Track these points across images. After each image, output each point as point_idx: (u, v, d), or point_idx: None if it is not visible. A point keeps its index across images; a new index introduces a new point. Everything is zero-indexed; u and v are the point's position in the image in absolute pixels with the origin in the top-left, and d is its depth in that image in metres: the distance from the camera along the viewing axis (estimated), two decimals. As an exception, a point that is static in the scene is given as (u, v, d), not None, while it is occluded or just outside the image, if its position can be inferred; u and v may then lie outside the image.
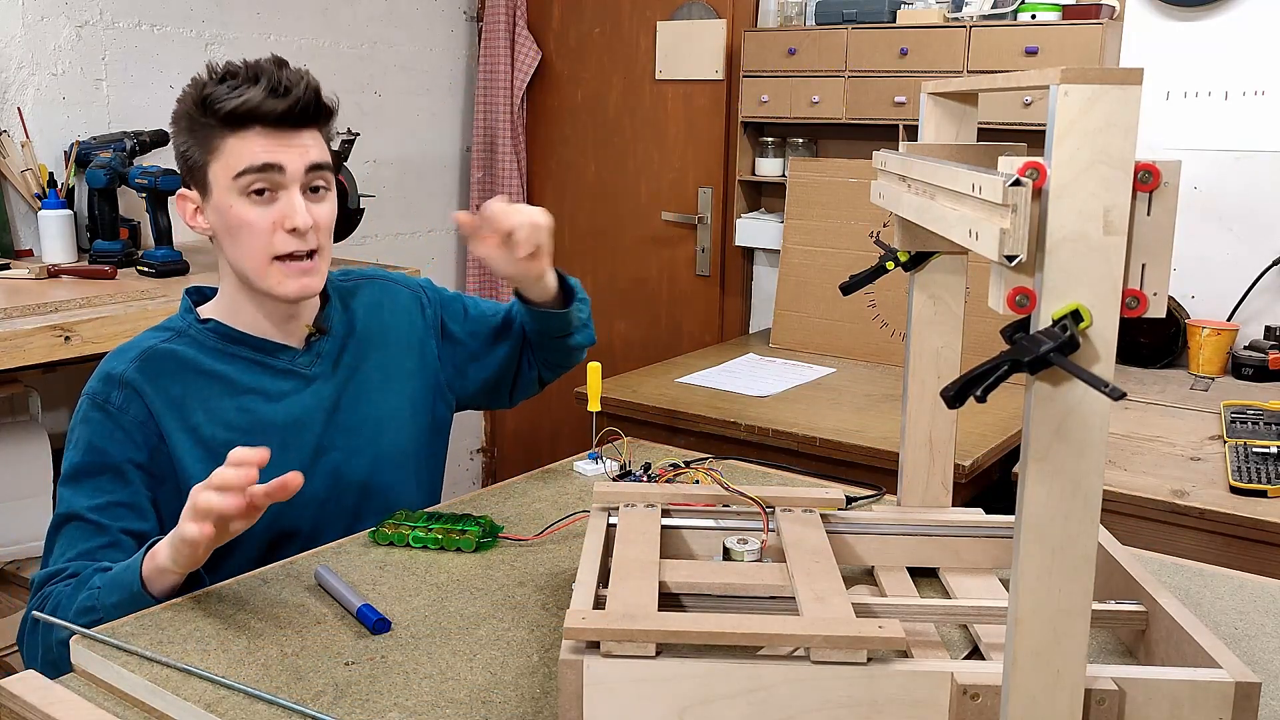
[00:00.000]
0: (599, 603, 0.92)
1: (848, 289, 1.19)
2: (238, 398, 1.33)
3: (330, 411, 1.39)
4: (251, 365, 1.35)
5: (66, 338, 2.00)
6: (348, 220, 2.80)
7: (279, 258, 1.30)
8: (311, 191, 1.32)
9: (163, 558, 1.12)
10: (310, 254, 1.31)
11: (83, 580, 1.19)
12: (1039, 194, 0.69)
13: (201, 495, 1.06)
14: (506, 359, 1.55)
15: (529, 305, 1.49)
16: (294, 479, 1.06)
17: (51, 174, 2.55)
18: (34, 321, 1.98)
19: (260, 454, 1.06)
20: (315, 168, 1.31)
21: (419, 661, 1.00)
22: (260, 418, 1.34)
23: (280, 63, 1.29)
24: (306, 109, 1.29)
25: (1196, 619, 0.94)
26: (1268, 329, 2.53)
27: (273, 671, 0.98)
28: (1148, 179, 0.71)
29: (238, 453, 1.06)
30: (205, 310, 1.39)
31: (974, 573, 1.15)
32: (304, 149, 1.30)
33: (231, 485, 1.05)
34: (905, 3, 2.84)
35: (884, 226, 2.65)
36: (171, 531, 1.11)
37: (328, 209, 1.34)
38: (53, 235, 2.45)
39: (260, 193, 1.28)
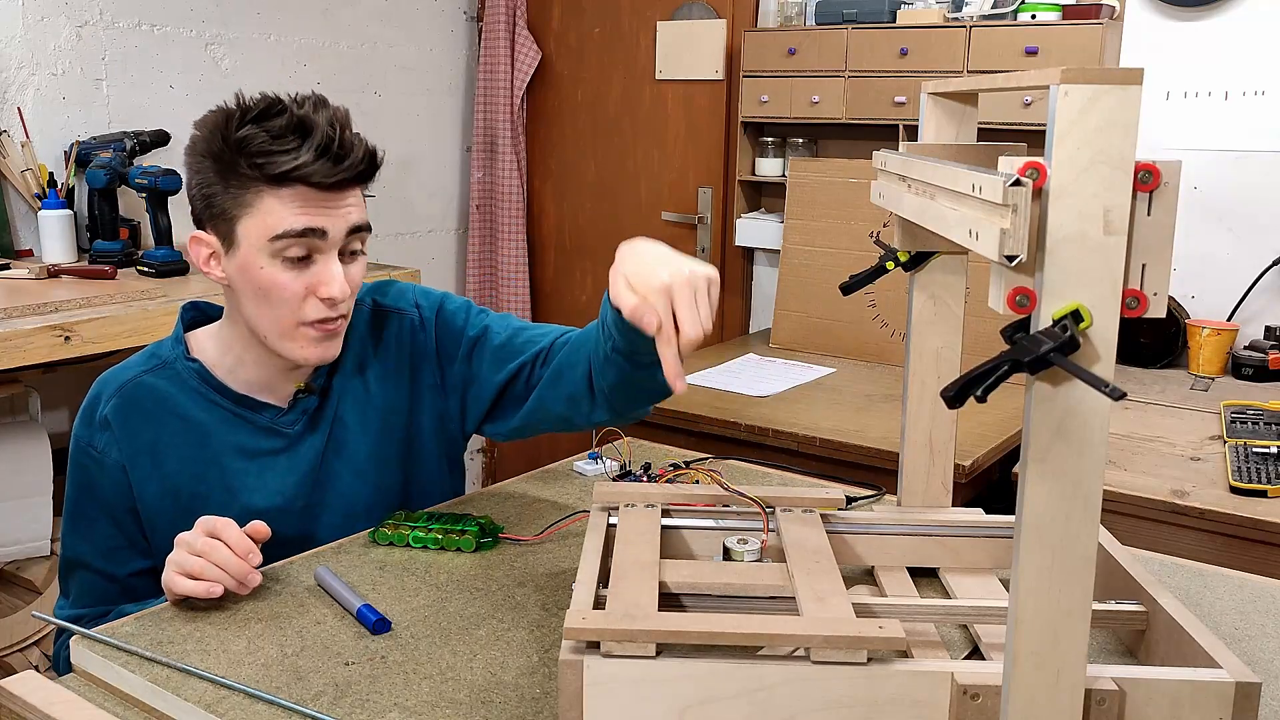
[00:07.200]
0: (599, 603, 0.92)
1: (848, 289, 1.19)
2: (212, 450, 1.28)
3: (308, 471, 1.31)
4: (230, 418, 1.29)
5: (66, 338, 2.00)
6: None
7: (306, 323, 1.22)
8: (348, 254, 1.24)
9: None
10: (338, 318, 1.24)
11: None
12: (1039, 194, 0.69)
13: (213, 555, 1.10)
14: (506, 379, 1.34)
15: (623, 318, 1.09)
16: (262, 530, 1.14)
17: (51, 174, 2.55)
18: (34, 321, 1.99)
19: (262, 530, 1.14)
20: (356, 230, 1.23)
21: (419, 661, 1.00)
22: (233, 475, 1.28)
23: (333, 120, 1.18)
24: (359, 173, 1.21)
25: (1196, 619, 0.94)
26: (1268, 329, 2.53)
27: (273, 671, 0.98)
28: (1148, 179, 0.71)
29: (252, 526, 1.13)
30: (197, 341, 1.32)
31: (974, 573, 1.15)
32: (347, 211, 1.21)
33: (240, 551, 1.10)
34: (905, 3, 2.84)
35: (884, 226, 2.65)
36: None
37: (360, 270, 1.26)
38: (53, 235, 2.46)
39: (296, 258, 1.20)
